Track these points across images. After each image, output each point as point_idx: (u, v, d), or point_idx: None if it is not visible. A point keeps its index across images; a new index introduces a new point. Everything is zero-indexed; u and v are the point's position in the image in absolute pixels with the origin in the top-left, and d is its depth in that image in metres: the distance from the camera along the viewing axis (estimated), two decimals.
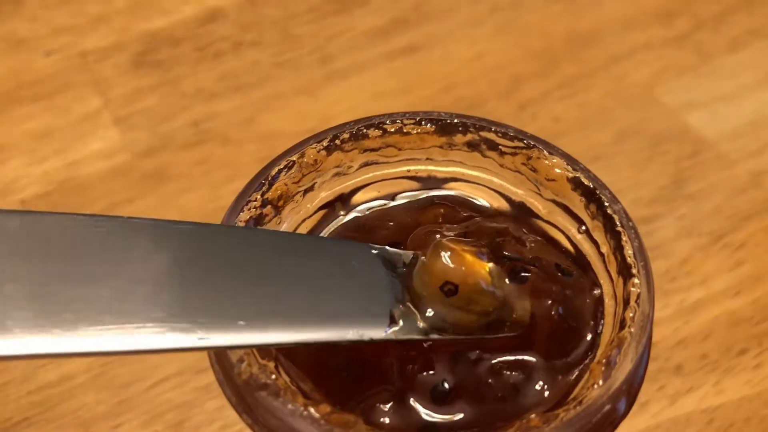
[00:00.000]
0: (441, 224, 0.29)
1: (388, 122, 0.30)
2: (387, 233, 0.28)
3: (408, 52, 0.56)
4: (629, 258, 0.26)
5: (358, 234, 0.29)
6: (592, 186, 0.28)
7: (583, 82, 0.55)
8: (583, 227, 0.29)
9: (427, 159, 0.31)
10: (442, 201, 0.30)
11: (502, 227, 0.28)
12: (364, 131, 0.30)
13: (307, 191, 0.29)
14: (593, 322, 0.27)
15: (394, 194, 0.31)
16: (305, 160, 0.29)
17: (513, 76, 0.55)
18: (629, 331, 0.25)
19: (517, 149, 0.30)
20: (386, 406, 0.25)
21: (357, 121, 0.30)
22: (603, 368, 0.24)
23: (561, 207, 0.29)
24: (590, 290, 0.28)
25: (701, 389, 0.42)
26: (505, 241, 0.28)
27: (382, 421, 0.25)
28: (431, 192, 0.31)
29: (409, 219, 0.29)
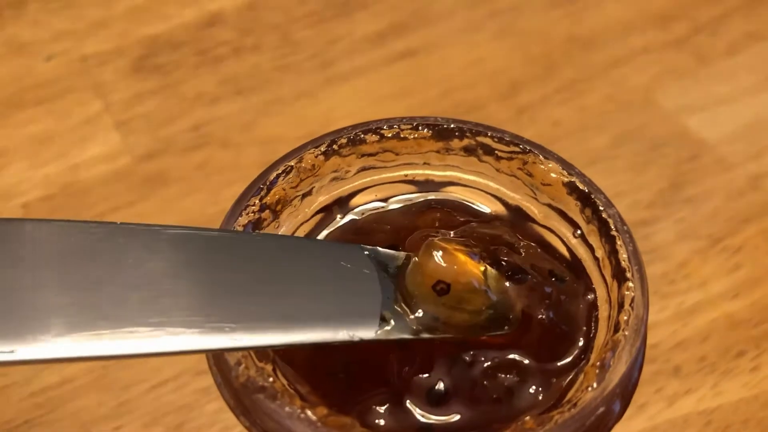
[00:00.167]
0: (437, 228, 0.29)
1: (385, 127, 0.30)
2: (384, 237, 0.28)
3: (407, 57, 0.57)
4: (624, 262, 0.27)
5: (356, 237, 0.29)
6: (587, 190, 0.29)
7: (582, 86, 0.55)
8: (578, 231, 0.29)
9: (424, 164, 0.31)
10: (438, 205, 0.30)
11: (496, 233, 0.29)
12: (362, 136, 0.30)
13: (305, 196, 0.30)
14: (587, 326, 0.27)
15: (391, 198, 0.31)
16: (303, 165, 0.29)
17: (512, 80, 0.55)
18: (623, 334, 0.25)
19: (513, 154, 0.30)
20: (382, 409, 0.25)
21: (354, 126, 0.30)
22: (597, 371, 0.24)
23: (556, 211, 0.30)
24: (584, 295, 0.28)
25: (699, 391, 0.43)
26: (499, 247, 0.28)
27: (378, 423, 0.25)
28: (428, 196, 0.31)
29: (406, 223, 0.30)
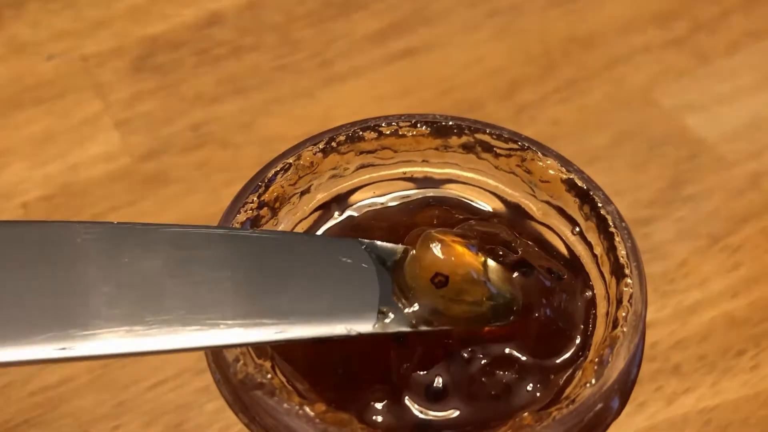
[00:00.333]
0: (436, 226, 0.29)
1: (383, 125, 0.30)
2: (382, 234, 0.28)
3: (407, 56, 0.57)
4: (622, 258, 0.27)
5: (354, 234, 0.29)
6: (585, 187, 0.29)
7: (581, 85, 0.55)
8: (576, 228, 0.29)
9: (423, 161, 0.31)
10: (437, 202, 0.30)
11: (494, 231, 0.29)
12: (360, 134, 0.30)
13: (304, 193, 0.30)
14: (585, 322, 0.27)
15: (390, 195, 0.31)
16: (301, 163, 0.29)
17: (511, 79, 0.56)
18: (622, 331, 0.25)
19: (511, 151, 0.30)
20: (381, 405, 0.25)
21: (353, 123, 0.30)
22: (595, 367, 0.24)
23: (555, 208, 0.30)
24: (582, 292, 0.28)
25: (699, 390, 0.43)
26: (497, 246, 0.28)
27: (376, 419, 0.25)
28: (427, 193, 0.31)
29: (404, 220, 0.29)
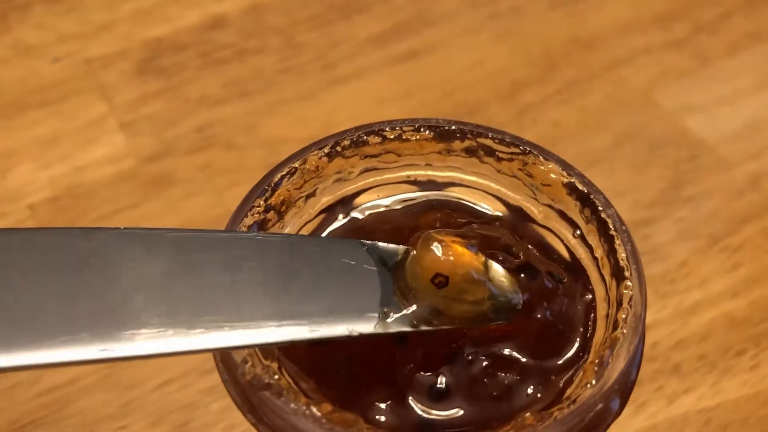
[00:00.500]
0: (439, 229, 0.29)
1: (387, 129, 0.31)
2: (385, 236, 0.29)
3: (409, 58, 0.57)
4: (622, 261, 0.27)
5: (358, 237, 0.30)
6: (586, 191, 0.29)
7: (582, 86, 0.56)
8: (577, 231, 0.29)
9: (426, 165, 0.31)
10: (440, 206, 0.31)
11: (495, 235, 0.29)
12: (365, 138, 0.30)
13: (309, 197, 0.30)
14: (585, 324, 0.28)
15: (393, 199, 0.31)
16: (307, 167, 0.30)
17: (513, 81, 0.56)
18: (622, 332, 0.25)
19: (513, 155, 0.30)
20: (385, 405, 0.26)
21: (357, 128, 0.30)
22: (596, 368, 0.25)
23: (556, 211, 0.30)
24: (582, 295, 0.28)
25: (699, 390, 0.43)
26: (497, 251, 0.28)
27: (381, 419, 0.25)
28: (430, 197, 0.31)
29: (407, 223, 0.30)
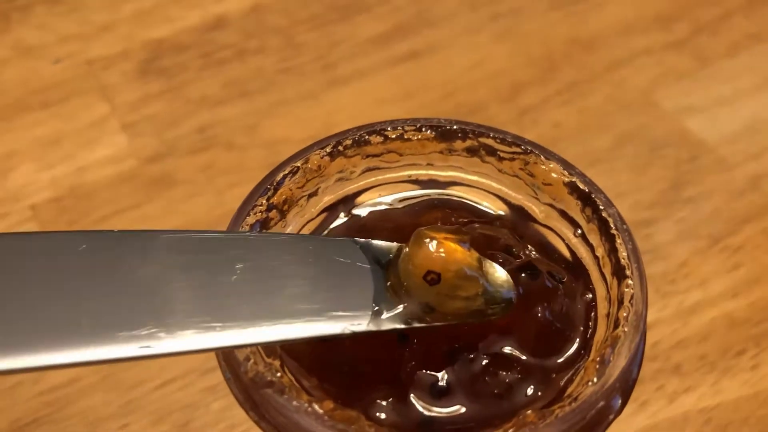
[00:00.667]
0: (431, 225, 0.29)
1: (389, 129, 0.31)
2: (387, 235, 0.29)
3: (409, 59, 0.57)
4: (623, 260, 0.27)
5: (359, 235, 0.29)
6: (587, 190, 0.29)
7: (582, 87, 0.56)
8: (578, 231, 0.29)
9: (427, 164, 0.32)
10: (441, 205, 0.31)
11: (496, 235, 0.29)
12: (366, 137, 0.30)
13: (311, 196, 0.30)
14: (586, 323, 0.28)
15: (395, 198, 0.31)
16: (309, 166, 0.30)
17: (513, 82, 0.56)
18: (623, 330, 0.25)
19: (514, 154, 0.30)
20: (386, 402, 0.26)
21: (359, 127, 0.31)
22: (597, 366, 0.25)
23: (557, 211, 0.30)
24: (582, 294, 0.28)
25: (699, 389, 0.43)
26: (498, 251, 0.29)
27: (382, 416, 0.25)
28: (432, 196, 0.32)
29: (409, 221, 0.30)
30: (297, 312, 0.25)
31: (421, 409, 0.26)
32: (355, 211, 0.31)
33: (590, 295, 0.29)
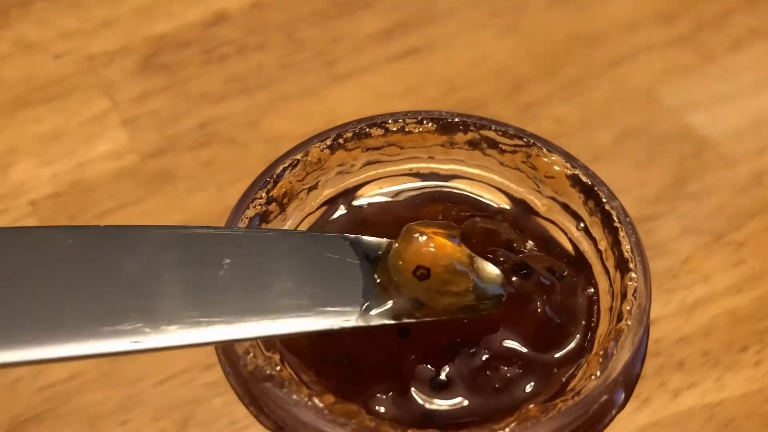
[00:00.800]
0: (441, 221, 0.29)
1: (390, 121, 0.30)
2: (387, 228, 0.28)
3: (411, 55, 0.57)
4: (626, 253, 0.27)
5: (360, 228, 0.29)
6: (590, 183, 0.29)
7: (585, 83, 0.56)
8: (581, 224, 0.29)
9: (429, 157, 0.31)
10: (442, 198, 0.31)
11: (497, 230, 0.29)
12: (367, 130, 0.30)
13: (311, 189, 0.30)
14: (588, 317, 0.28)
15: (396, 191, 0.31)
16: (309, 159, 0.30)
17: (515, 78, 0.56)
18: (626, 324, 0.25)
19: (516, 147, 0.30)
20: (386, 396, 0.26)
21: (360, 120, 0.30)
22: (600, 360, 0.25)
23: (560, 204, 0.30)
24: (584, 288, 0.28)
25: (703, 385, 0.43)
26: (499, 248, 0.28)
27: (383, 410, 0.25)
28: (433, 189, 0.31)
29: (409, 215, 0.30)
30: (285, 307, 0.25)
31: (421, 402, 0.26)
32: (356, 205, 0.31)
33: (592, 289, 0.28)
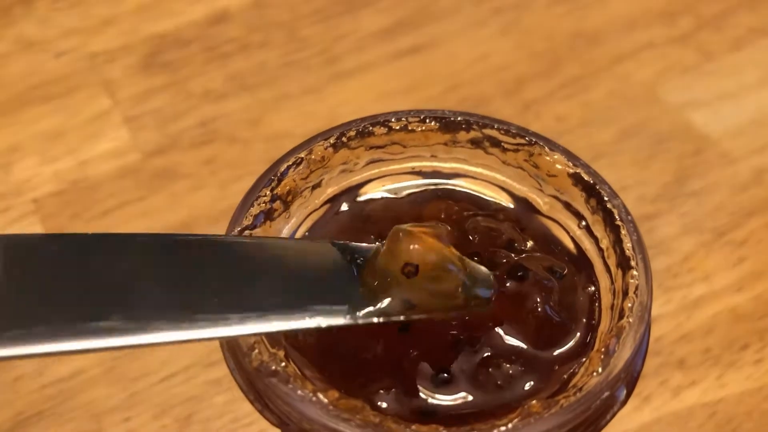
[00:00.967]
0: (442, 219, 0.29)
1: (393, 120, 0.31)
2: (389, 226, 0.29)
3: (413, 53, 0.57)
4: (628, 251, 0.27)
5: (362, 225, 0.30)
6: (592, 181, 0.29)
7: (586, 81, 0.56)
8: (583, 222, 0.29)
9: (431, 156, 0.31)
10: (445, 196, 0.31)
11: (499, 229, 0.29)
12: (370, 129, 0.30)
13: (315, 187, 0.30)
14: (589, 315, 0.28)
15: (399, 189, 0.31)
16: (313, 157, 0.30)
17: (517, 76, 0.56)
18: (628, 321, 0.25)
19: (519, 146, 0.30)
20: (389, 393, 0.26)
21: (363, 119, 0.31)
22: (602, 356, 0.25)
23: (562, 202, 0.30)
24: (585, 287, 0.28)
25: (703, 383, 0.43)
26: (499, 248, 0.29)
27: (386, 406, 0.25)
28: (435, 187, 0.31)
29: (412, 213, 0.30)
30: (270, 305, 0.25)
31: (424, 399, 0.26)
32: (359, 202, 0.31)
33: (594, 288, 0.29)
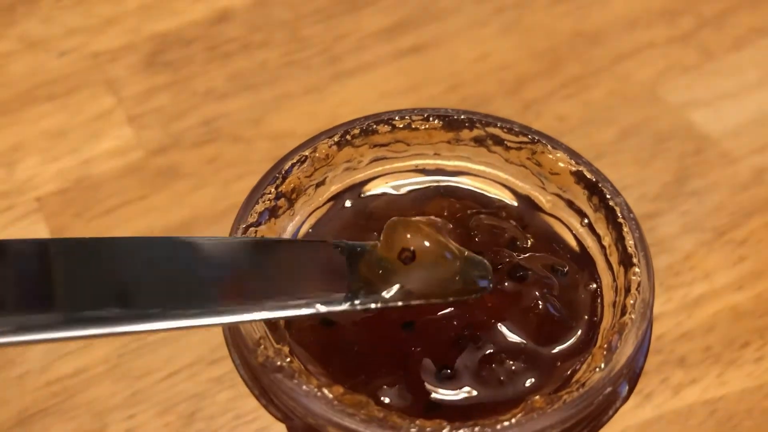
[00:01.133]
0: (445, 216, 0.29)
1: (397, 118, 0.31)
2: None
3: (415, 52, 0.57)
4: (630, 248, 0.27)
5: (366, 222, 0.30)
6: (594, 179, 0.29)
7: (587, 81, 0.56)
8: (585, 220, 0.30)
9: (434, 154, 0.32)
10: (448, 194, 0.31)
11: (501, 227, 0.29)
12: (374, 127, 0.31)
13: (319, 185, 0.30)
14: (591, 313, 0.28)
15: (402, 186, 0.32)
16: (317, 155, 0.30)
17: (518, 75, 0.56)
18: (630, 318, 0.26)
19: (522, 144, 0.31)
20: (393, 388, 0.26)
21: (367, 117, 0.31)
22: (605, 352, 0.25)
23: (564, 200, 0.30)
24: (587, 284, 0.29)
25: (704, 381, 0.43)
26: (502, 247, 0.29)
27: (390, 401, 0.26)
28: (439, 185, 0.32)
29: (414, 210, 0.30)
30: (269, 294, 0.26)
31: (427, 394, 0.26)
32: (362, 200, 0.31)
33: (596, 285, 0.29)
